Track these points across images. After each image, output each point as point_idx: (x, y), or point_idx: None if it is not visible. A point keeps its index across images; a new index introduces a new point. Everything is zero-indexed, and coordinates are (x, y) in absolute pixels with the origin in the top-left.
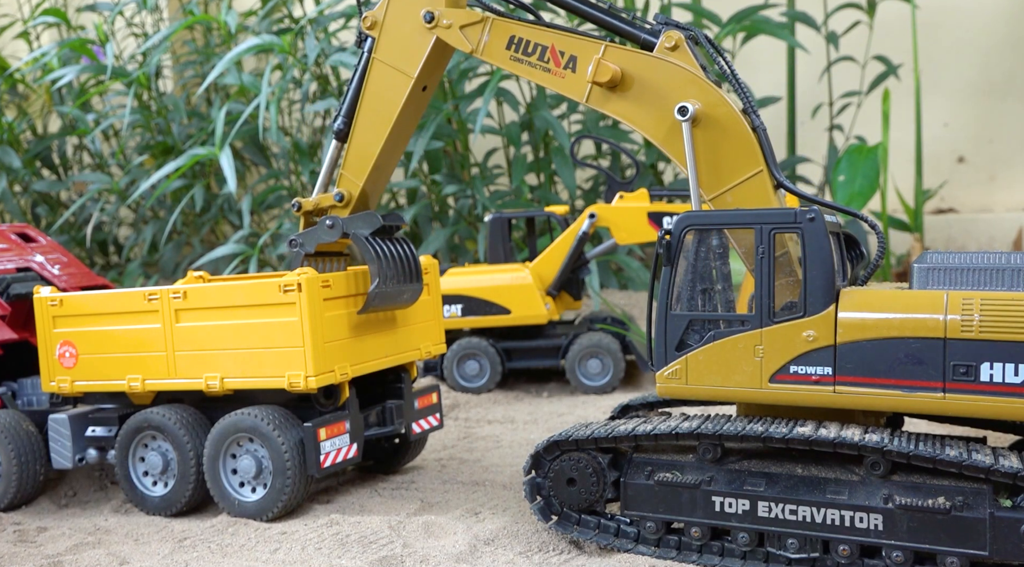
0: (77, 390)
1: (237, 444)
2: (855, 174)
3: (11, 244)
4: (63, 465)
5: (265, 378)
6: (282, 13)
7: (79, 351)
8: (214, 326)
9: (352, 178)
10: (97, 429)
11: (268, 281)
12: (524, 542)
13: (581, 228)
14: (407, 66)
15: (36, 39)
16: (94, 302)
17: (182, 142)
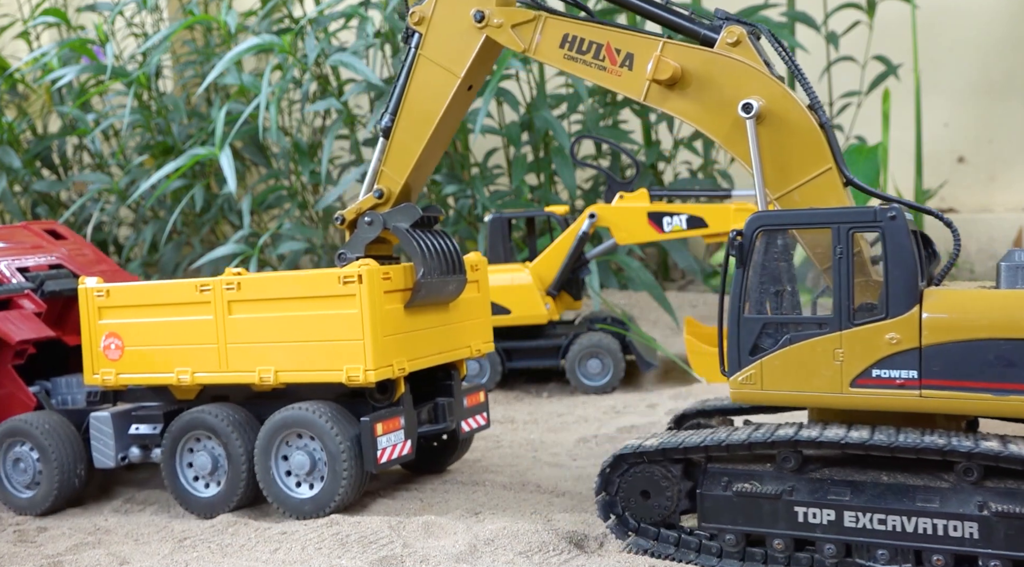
0: (121, 383)
1: (287, 441)
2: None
3: (42, 241)
4: (105, 464)
5: (321, 372)
6: (282, 13)
7: (125, 343)
8: (269, 318)
9: (393, 175)
10: (141, 427)
11: (327, 272)
12: (524, 542)
13: (581, 228)
14: (454, 65)
15: (36, 39)
16: (142, 293)
17: (182, 142)
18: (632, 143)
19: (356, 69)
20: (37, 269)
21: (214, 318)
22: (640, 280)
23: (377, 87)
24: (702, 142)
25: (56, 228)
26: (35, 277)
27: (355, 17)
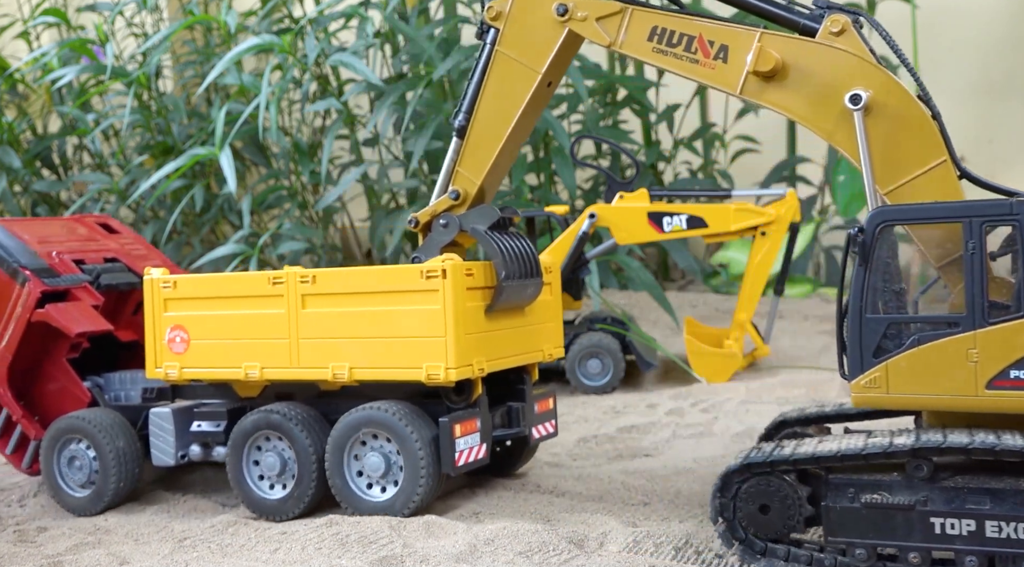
0: (186, 378)
1: (362, 441)
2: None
3: (95, 234)
4: (165, 462)
5: (399, 369)
6: (282, 13)
7: (191, 336)
8: (344, 313)
9: (469, 176)
10: (203, 424)
11: (408, 266)
12: (524, 542)
13: (581, 228)
14: (534, 60)
15: (36, 39)
16: (211, 284)
17: (182, 142)
18: (632, 143)
19: (356, 69)
20: (92, 262)
21: (286, 312)
22: (640, 280)
23: (377, 87)
24: (702, 142)
25: (108, 222)
26: (91, 270)
27: (355, 17)
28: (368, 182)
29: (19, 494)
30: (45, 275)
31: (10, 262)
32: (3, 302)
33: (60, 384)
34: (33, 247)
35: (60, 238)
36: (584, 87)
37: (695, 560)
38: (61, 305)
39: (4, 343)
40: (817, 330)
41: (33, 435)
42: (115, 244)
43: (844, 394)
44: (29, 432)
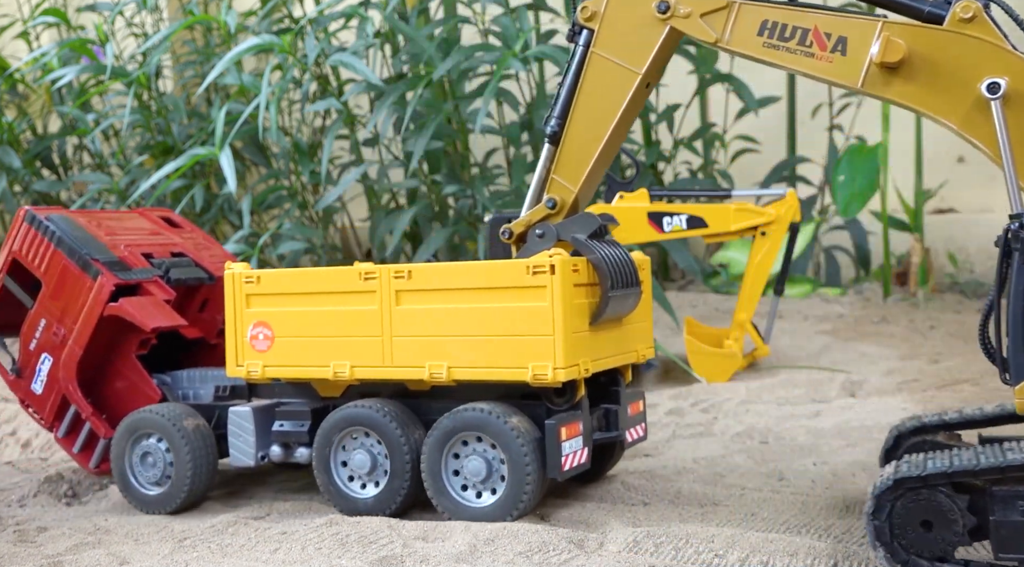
0: (268, 376)
1: (463, 442)
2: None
3: (160, 228)
4: (244, 463)
5: (502, 369)
6: (282, 13)
7: (275, 333)
8: (442, 310)
9: (565, 183)
10: (285, 424)
11: (513, 261)
12: (524, 542)
13: None
14: (633, 61)
15: (36, 39)
16: (298, 279)
17: (182, 142)
18: (632, 143)
19: (356, 69)
20: (160, 256)
21: (379, 308)
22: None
23: (377, 87)
24: (702, 142)
25: (170, 215)
26: (160, 264)
27: (355, 17)
28: (368, 182)
29: (19, 494)
30: (117, 268)
31: (81, 254)
32: (73, 296)
33: (129, 382)
34: (102, 240)
35: (126, 231)
36: None
37: (695, 560)
38: (135, 299)
39: (73, 338)
40: (817, 330)
41: (103, 433)
42: (179, 238)
43: (844, 394)
44: (99, 430)
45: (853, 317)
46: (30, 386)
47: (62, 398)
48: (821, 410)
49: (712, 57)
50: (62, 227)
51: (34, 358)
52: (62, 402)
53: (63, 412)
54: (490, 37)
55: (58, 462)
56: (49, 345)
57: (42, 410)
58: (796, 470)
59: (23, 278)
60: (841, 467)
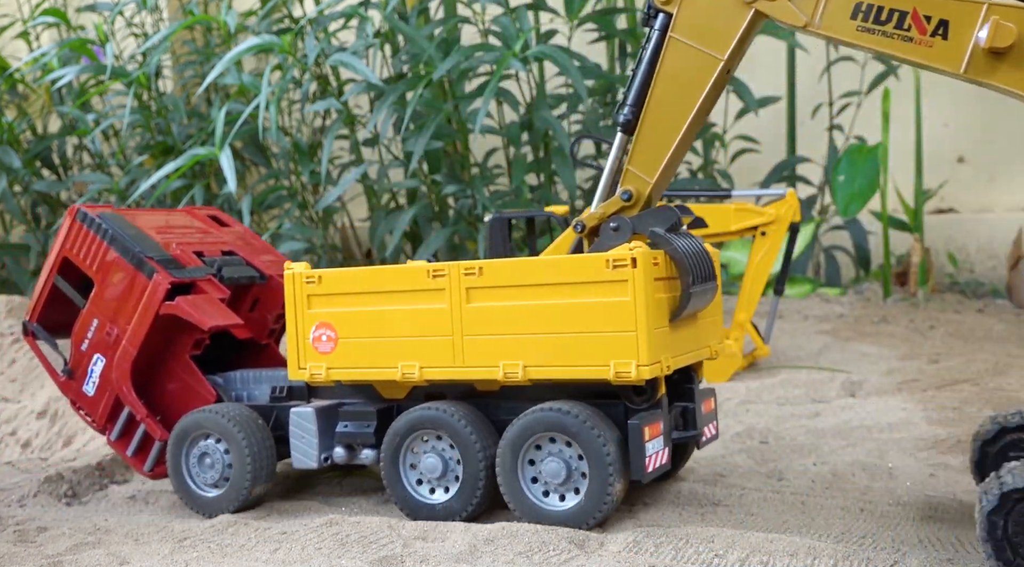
0: (332, 379)
1: (536, 446)
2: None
3: (209, 226)
4: (307, 465)
5: (581, 367)
6: (282, 13)
7: (339, 334)
8: (517, 307)
9: (641, 174)
10: (350, 425)
11: (591, 255)
12: (524, 542)
13: None
14: (715, 46)
15: (36, 39)
16: (362, 279)
17: (182, 142)
18: None
19: (356, 69)
20: (211, 254)
21: (448, 307)
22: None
23: (377, 87)
24: (702, 142)
25: (218, 214)
26: (211, 262)
27: (355, 17)
28: (368, 182)
29: (19, 494)
30: (171, 266)
31: (135, 252)
32: (127, 295)
33: (183, 383)
34: (154, 238)
35: (176, 229)
36: (584, 87)
37: (695, 560)
38: (190, 298)
39: (127, 338)
40: (817, 330)
41: (158, 436)
42: (228, 236)
43: (844, 394)
44: (154, 432)
45: (853, 317)
46: (81, 388)
47: (115, 400)
48: (821, 410)
49: None
50: (115, 225)
51: (86, 359)
52: (115, 404)
53: (116, 414)
54: (490, 37)
55: (58, 462)
56: (102, 345)
57: (94, 412)
58: (796, 470)
59: (73, 277)
60: (841, 467)
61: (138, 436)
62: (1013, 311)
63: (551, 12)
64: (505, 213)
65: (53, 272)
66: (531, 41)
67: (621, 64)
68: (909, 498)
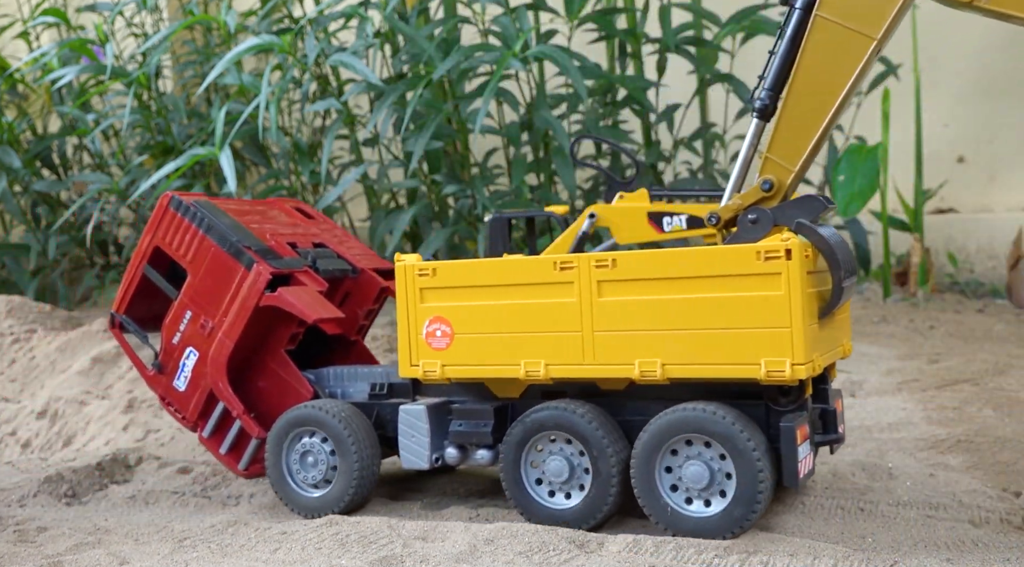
0: (448, 376)
1: (673, 450)
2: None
3: (296, 219)
4: (416, 465)
5: (726, 365)
6: (282, 13)
7: (455, 330)
8: (654, 301)
9: (783, 162)
10: (464, 424)
11: (739, 247)
12: (524, 542)
13: (581, 228)
14: (868, 25)
15: (36, 39)
16: (480, 271)
17: (182, 142)
18: (632, 143)
19: (356, 69)
20: (303, 247)
21: (578, 301)
22: None
23: (377, 87)
24: (702, 142)
25: (303, 207)
26: (306, 254)
27: (355, 17)
28: (368, 182)
29: (19, 494)
30: (269, 257)
31: (233, 242)
32: (223, 286)
33: (277, 379)
34: (250, 227)
35: (268, 220)
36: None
37: (695, 560)
38: (293, 289)
39: (224, 331)
40: None
41: (255, 433)
42: (316, 229)
43: (844, 394)
44: (251, 430)
45: (853, 317)
46: (172, 382)
47: (207, 395)
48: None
49: (712, 57)
50: (210, 213)
51: (178, 353)
52: (207, 400)
53: (208, 410)
54: (490, 37)
55: (58, 462)
56: (195, 339)
57: (185, 408)
58: None
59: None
60: (841, 467)
61: (232, 433)
62: (1013, 311)
63: (551, 12)
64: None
65: (143, 262)
66: (531, 41)
67: (621, 64)
68: (909, 498)
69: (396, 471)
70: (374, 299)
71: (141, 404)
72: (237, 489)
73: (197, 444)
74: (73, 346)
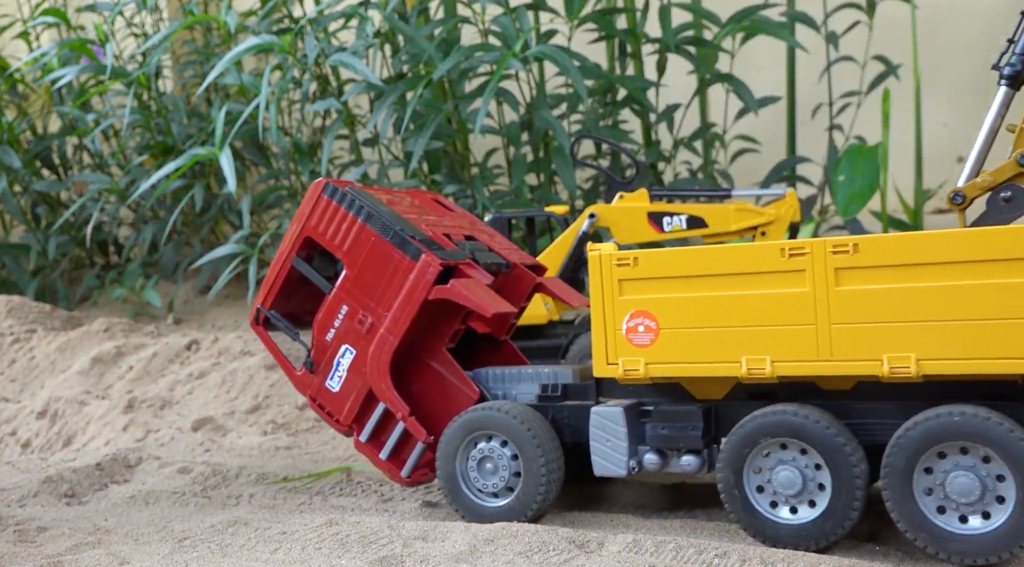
0: (653, 375)
1: (939, 455)
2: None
3: (442, 212)
4: (612, 472)
5: (1000, 360)
6: (282, 13)
7: (660, 324)
8: (905, 289)
9: None
10: (666, 427)
11: (1013, 228)
12: (524, 542)
13: (581, 228)
14: None
15: (36, 39)
16: (691, 260)
17: (182, 142)
18: (632, 143)
19: (356, 69)
20: (456, 238)
21: (811, 290)
22: None
23: (377, 87)
24: (702, 142)
25: (440, 199)
26: (463, 246)
27: (355, 17)
28: (368, 182)
29: (19, 494)
30: (435, 248)
31: (397, 231)
32: (386, 278)
33: (438, 379)
34: (407, 216)
35: (417, 210)
36: (584, 87)
37: (695, 560)
38: (464, 281)
39: (387, 327)
40: None
41: (422, 437)
42: (462, 221)
43: None
44: (418, 433)
45: None
46: (324, 382)
47: (364, 397)
48: None
49: (712, 57)
50: (368, 201)
51: (332, 350)
52: (364, 401)
53: (365, 413)
54: (490, 37)
55: (58, 462)
56: (352, 335)
57: (339, 410)
58: None
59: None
60: None
61: (394, 437)
62: None
63: (551, 12)
64: (505, 213)
65: (293, 253)
66: (531, 41)
67: (621, 64)
68: None
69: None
70: (526, 296)
71: (141, 404)
72: (237, 489)
73: (197, 444)
74: (73, 346)
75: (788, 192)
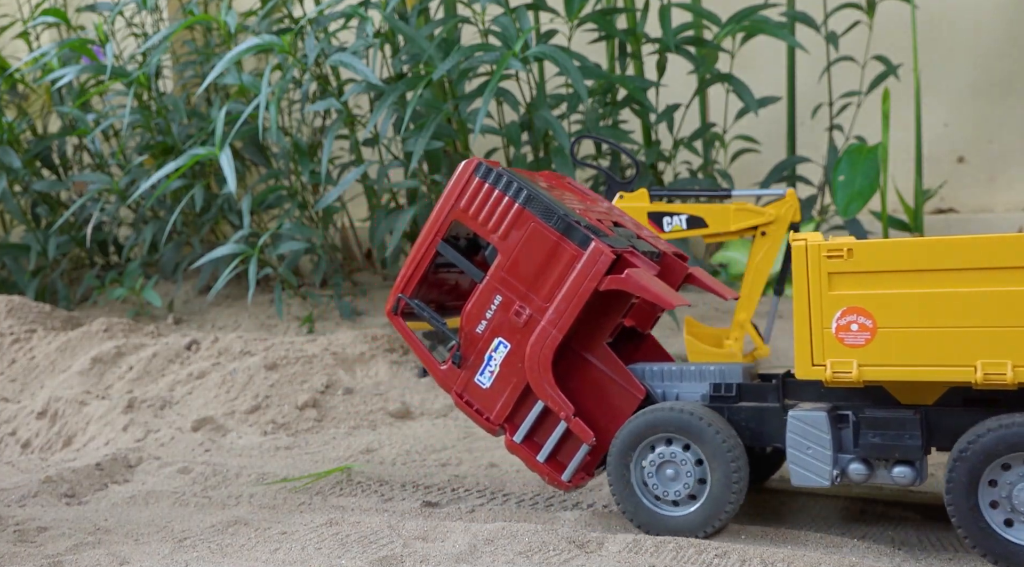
0: (866, 378)
1: None
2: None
3: (582, 196)
4: (814, 482)
5: None
6: (282, 13)
7: (877, 323)
8: None
9: None
10: (878, 435)
11: None
12: (524, 542)
13: None
14: None
15: (36, 39)
16: (918, 252)
17: (182, 142)
18: (632, 143)
19: (356, 69)
20: (608, 225)
21: None
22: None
23: (377, 87)
24: (702, 142)
25: (572, 182)
26: (625, 235)
27: (355, 17)
28: (368, 182)
29: (19, 494)
30: (600, 235)
31: (561, 216)
32: (548, 267)
33: (598, 376)
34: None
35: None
36: (584, 87)
37: (695, 560)
38: (638, 271)
39: (550, 320)
40: None
41: (588, 439)
42: (604, 207)
43: None
44: (583, 435)
45: None
46: (473, 378)
47: (519, 394)
48: None
49: (712, 57)
50: (527, 184)
51: (483, 344)
52: (519, 399)
53: (519, 412)
54: (490, 37)
55: (58, 462)
56: (506, 328)
57: (489, 408)
58: None
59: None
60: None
61: (554, 438)
62: None
63: (551, 12)
64: None
65: (439, 237)
66: (531, 41)
67: (621, 64)
68: (909, 498)
69: (396, 472)
70: (677, 286)
71: (141, 404)
72: (237, 489)
73: (197, 444)
74: (73, 346)
75: (788, 192)
